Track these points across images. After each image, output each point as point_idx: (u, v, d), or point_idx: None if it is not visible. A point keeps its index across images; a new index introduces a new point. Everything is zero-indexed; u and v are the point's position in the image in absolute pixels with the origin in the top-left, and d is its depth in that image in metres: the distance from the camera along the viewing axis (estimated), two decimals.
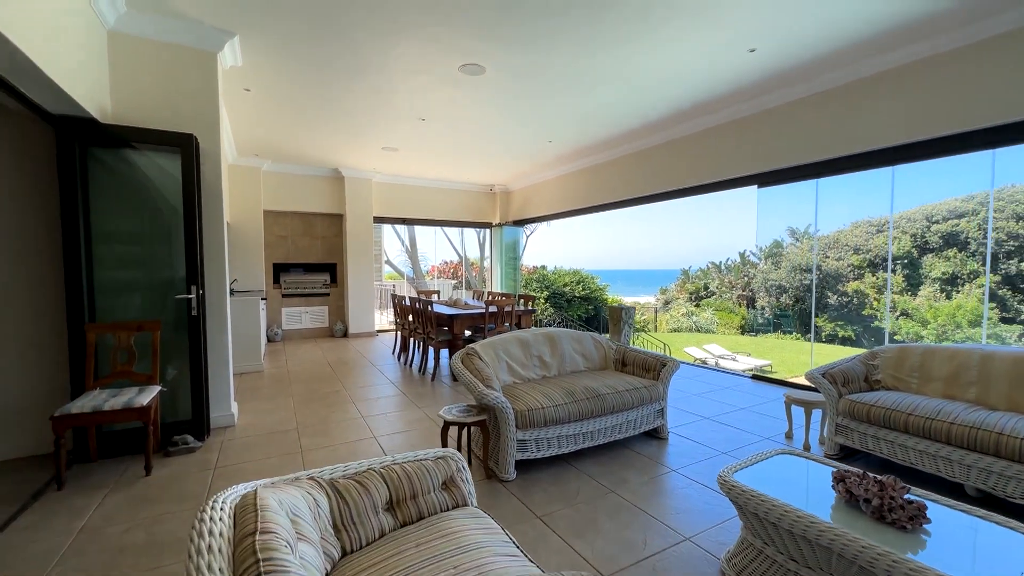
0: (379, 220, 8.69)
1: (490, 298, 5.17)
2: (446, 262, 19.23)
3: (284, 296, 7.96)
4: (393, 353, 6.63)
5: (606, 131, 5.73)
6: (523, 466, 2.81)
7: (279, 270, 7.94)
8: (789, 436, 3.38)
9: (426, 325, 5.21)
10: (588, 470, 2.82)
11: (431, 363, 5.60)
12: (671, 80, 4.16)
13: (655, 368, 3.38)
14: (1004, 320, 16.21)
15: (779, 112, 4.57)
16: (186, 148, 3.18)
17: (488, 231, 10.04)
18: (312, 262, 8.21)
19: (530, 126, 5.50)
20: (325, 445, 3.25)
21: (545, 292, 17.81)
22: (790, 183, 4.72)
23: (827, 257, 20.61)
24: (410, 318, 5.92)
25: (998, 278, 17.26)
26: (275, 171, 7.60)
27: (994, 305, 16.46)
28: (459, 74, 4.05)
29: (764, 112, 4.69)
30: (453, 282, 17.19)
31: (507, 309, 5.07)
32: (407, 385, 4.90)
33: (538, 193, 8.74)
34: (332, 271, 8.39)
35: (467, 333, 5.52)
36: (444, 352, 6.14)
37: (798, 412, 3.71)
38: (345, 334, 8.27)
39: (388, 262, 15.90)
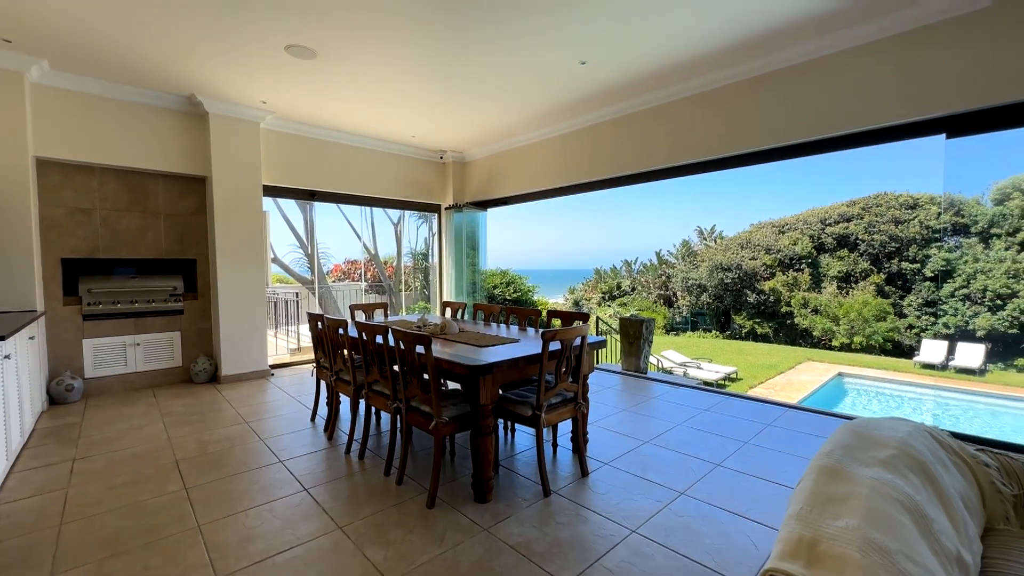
0: (271, 192, 5.51)
1: (551, 329, 2.60)
2: (349, 260, 15.81)
3: (88, 318, 4.43)
4: (312, 420, 3.69)
5: (683, 49, 3.52)
6: None
7: (76, 271, 4.39)
8: None
9: (404, 382, 2.50)
10: None
11: (402, 448, 2.84)
12: None
13: None
14: (897, 314, 17.65)
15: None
16: None
17: (434, 217, 7.29)
18: (150, 257, 4.76)
19: (575, 21, 3.06)
20: None
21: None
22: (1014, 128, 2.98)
23: (743, 256, 21.12)
24: (348, 356, 3.09)
25: (883, 277, 18.88)
26: (63, 87, 4.08)
27: (889, 301, 17.89)
28: None
29: (977, 14, 2.88)
30: (363, 285, 13.92)
31: (575, 343, 2.58)
32: (384, 539, 2.15)
33: (509, 163, 6.27)
34: (189, 273, 5.00)
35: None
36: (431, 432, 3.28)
37: None
38: (214, 377, 4.95)
39: (276, 260, 12.05)
